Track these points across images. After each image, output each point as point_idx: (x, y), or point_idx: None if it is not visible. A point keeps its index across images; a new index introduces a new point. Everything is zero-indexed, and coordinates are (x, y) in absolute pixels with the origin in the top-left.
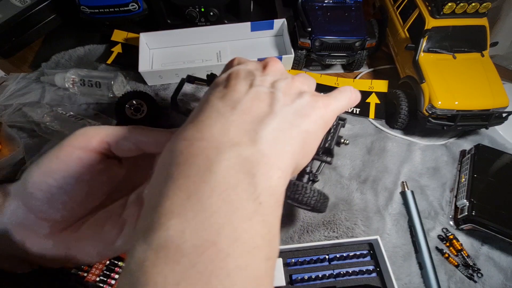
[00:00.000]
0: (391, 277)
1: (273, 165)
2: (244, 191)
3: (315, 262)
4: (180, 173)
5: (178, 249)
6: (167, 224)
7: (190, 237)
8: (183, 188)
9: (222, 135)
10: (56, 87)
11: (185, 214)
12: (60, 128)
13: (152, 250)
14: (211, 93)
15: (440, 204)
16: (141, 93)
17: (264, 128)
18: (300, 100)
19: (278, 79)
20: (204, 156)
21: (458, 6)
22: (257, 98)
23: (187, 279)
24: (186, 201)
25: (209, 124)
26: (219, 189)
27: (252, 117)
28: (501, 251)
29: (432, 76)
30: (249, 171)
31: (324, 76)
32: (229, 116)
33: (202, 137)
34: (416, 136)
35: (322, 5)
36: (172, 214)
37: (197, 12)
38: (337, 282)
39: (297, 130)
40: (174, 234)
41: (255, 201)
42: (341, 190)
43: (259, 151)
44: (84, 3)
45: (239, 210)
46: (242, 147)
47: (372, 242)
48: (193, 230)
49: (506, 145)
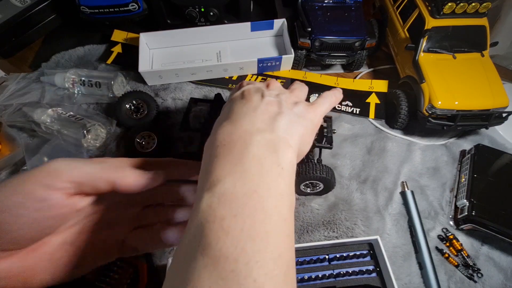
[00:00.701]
0: (391, 277)
1: (287, 144)
2: (271, 161)
3: (315, 262)
4: (226, 152)
5: (233, 195)
6: (223, 181)
7: (240, 188)
8: (231, 159)
9: (251, 127)
10: (56, 87)
11: (234, 174)
12: (60, 128)
13: (215, 197)
14: (233, 104)
15: (440, 204)
16: (141, 93)
17: (279, 121)
18: (298, 107)
19: (279, 93)
20: (242, 140)
21: (458, 6)
22: (270, 104)
23: (241, 213)
24: (234, 167)
25: (240, 122)
26: (255, 159)
27: (269, 115)
28: (501, 251)
29: (432, 76)
30: (273, 148)
31: (324, 76)
32: (253, 116)
33: (237, 129)
34: (416, 136)
35: (322, 5)
36: (226, 174)
37: (197, 12)
38: (337, 282)
39: (298, 125)
40: (229, 186)
41: (278, 167)
42: (341, 190)
43: (277, 136)
44: (84, 3)
45: (270, 172)
46: (266, 133)
47: (372, 242)
48: (242, 183)
49: (506, 145)
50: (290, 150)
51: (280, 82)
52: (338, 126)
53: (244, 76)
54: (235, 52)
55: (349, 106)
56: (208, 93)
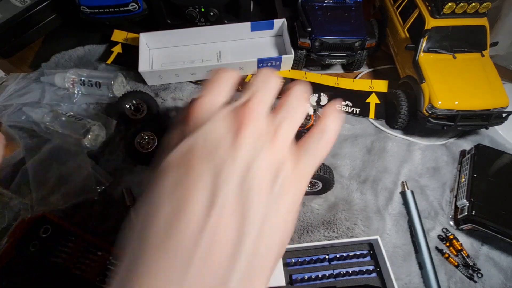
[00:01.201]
0: (391, 277)
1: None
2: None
3: (315, 262)
4: None
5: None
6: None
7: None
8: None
9: None
10: (56, 87)
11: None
12: (60, 128)
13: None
14: (155, 207)
15: (440, 204)
16: (141, 93)
17: (233, 276)
18: (279, 181)
19: (254, 152)
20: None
21: (458, 6)
22: (218, 231)
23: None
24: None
25: (151, 265)
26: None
27: (215, 271)
28: (501, 251)
29: (432, 76)
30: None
31: (324, 76)
32: (181, 280)
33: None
34: (416, 136)
35: (322, 5)
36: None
37: (197, 12)
38: (337, 282)
39: (278, 220)
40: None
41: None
42: (341, 190)
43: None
44: (84, 3)
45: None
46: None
47: (372, 242)
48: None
49: (506, 145)
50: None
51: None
52: None
53: (244, 76)
54: (235, 52)
55: (349, 106)
56: None
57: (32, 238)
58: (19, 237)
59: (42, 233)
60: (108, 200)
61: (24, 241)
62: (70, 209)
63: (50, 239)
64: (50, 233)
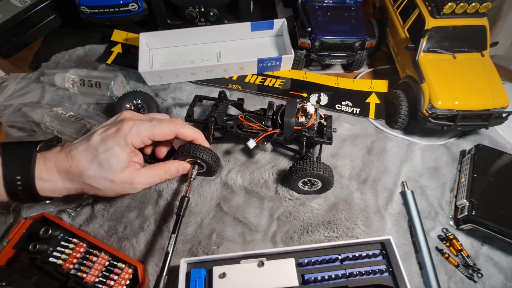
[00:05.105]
0: (403, 277)
1: None
2: None
3: (327, 262)
4: None
5: None
6: None
7: None
8: None
9: None
10: (56, 87)
11: None
12: (60, 128)
13: None
14: None
15: (440, 204)
16: (141, 93)
17: None
18: None
19: None
20: None
21: (458, 6)
22: None
23: None
24: None
25: None
26: None
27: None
28: (501, 251)
29: (432, 76)
30: None
31: (324, 76)
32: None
33: None
34: (416, 136)
35: (322, 5)
36: None
37: (197, 12)
38: (349, 282)
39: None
40: None
41: None
42: (341, 190)
43: None
44: (84, 3)
45: None
46: None
47: (384, 242)
48: None
49: (506, 145)
50: None
51: (280, 82)
52: (338, 126)
53: (244, 76)
54: (235, 52)
55: (349, 106)
56: (208, 93)
57: (32, 238)
58: (19, 238)
59: (42, 234)
60: None
61: (24, 242)
62: (71, 209)
63: (50, 240)
64: (50, 234)
